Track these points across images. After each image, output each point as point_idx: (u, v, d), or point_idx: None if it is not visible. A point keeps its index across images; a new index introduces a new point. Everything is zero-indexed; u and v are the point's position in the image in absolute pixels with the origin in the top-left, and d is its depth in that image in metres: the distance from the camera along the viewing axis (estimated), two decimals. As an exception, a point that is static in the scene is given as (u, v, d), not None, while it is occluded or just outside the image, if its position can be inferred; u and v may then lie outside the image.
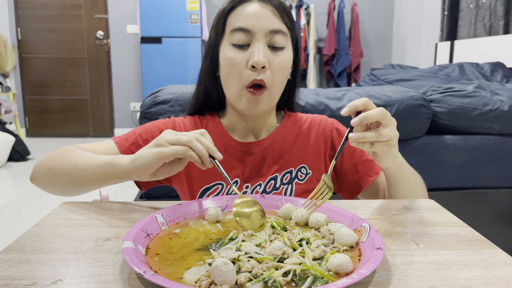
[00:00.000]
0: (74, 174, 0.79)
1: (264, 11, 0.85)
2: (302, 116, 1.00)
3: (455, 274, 0.51)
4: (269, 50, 0.85)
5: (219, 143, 0.92)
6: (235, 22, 0.85)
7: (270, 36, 0.84)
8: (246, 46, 0.85)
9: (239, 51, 0.85)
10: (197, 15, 4.86)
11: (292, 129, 0.96)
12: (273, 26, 0.84)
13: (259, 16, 0.84)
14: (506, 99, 1.63)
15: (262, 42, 0.84)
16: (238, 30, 0.84)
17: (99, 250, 0.57)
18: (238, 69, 0.84)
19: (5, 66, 5.07)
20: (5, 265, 0.52)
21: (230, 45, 0.85)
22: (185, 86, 1.55)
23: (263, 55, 0.82)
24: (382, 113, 0.67)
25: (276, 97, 0.89)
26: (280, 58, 0.85)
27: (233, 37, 0.85)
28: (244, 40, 0.84)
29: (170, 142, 0.67)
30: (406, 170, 0.83)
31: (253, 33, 0.84)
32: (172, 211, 0.66)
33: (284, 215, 0.68)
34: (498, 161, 1.65)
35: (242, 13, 0.85)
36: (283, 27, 0.86)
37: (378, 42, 5.58)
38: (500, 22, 3.62)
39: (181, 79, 4.84)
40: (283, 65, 0.86)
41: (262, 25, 0.84)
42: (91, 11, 5.34)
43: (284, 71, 0.87)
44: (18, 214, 2.81)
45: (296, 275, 0.48)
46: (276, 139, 0.94)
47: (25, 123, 5.40)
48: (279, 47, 0.85)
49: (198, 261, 0.52)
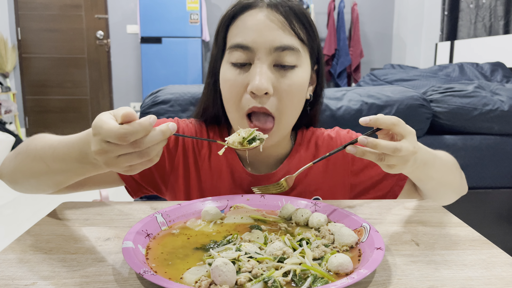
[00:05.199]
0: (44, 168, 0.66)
1: (270, 22, 0.70)
2: (316, 133, 0.87)
3: (455, 274, 0.51)
4: (274, 70, 0.71)
5: (225, 167, 0.82)
6: (234, 37, 0.73)
7: (276, 54, 0.70)
8: (247, 65, 0.72)
9: (239, 71, 0.72)
10: (197, 15, 4.86)
11: (306, 152, 0.84)
12: (279, 42, 0.70)
13: (262, 29, 0.70)
14: (506, 99, 1.63)
15: (265, 62, 0.70)
16: (237, 47, 0.71)
17: (99, 250, 0.57)
18: (236, 93, 0.72)
19: (5, 66, 5.07)
20: (5, 265, 0.52)
21: (229, 64, 0.73)
22: (185, 86, 1.55)
23: (265, 79, 0.69)
24: (394, 150, 0.57)
25: (288, 127, 0.76)
26: (289, 80, 0.71)
27: (232, 55, 0.72)
28: (244, 59, 0.71)
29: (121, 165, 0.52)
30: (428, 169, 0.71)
31: (254, 51, 0.70)
32: (172, 211, 0.66)
33: (284, 215, 0.68)
34: (498, 161, 1.65)
35: (243, 24, 0.72)
36: (293, 42, 0.71)
37: (378, 42, 5.58)
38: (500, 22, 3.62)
39: (181, 79, 4.85)
40: (293, 88, 0.72)
41: (265, 41, 0.70)
42: (91, 11, 5.34)
43: (296, 95, 0.73)
44: (18, 214, 2.81)
45: (296, 275, 0.48)
46: (290, 169, 0.82)
47: (25, 123, 5.40)
48: (289, 66, 0.71)
49: (198, 261, 0.52)
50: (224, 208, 0.71)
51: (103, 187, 0.83)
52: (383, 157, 0.59)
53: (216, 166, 0.83)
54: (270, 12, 0.71)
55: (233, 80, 0.72)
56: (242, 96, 0.72)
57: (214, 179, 0.83)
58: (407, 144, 0.58)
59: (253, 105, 0.71)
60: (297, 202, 0.71)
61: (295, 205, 0.70)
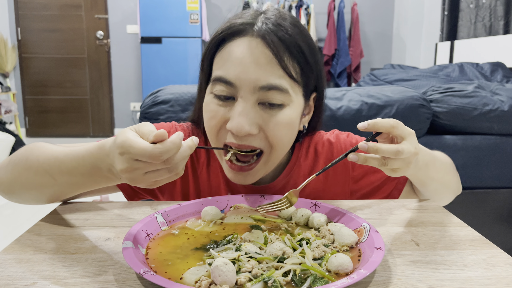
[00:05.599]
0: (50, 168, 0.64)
1: (256, 57, 0.64)
2: (315, 138, 0.85)
3: (455, 274, 0.51)
4: (260, 108, 0.66)
5: (222, 179, 0.80)
6: (218, 69, 0.67)
7: (261, 93, 0.65)
8: (230, 99, 0.67)
9: (221, 103, 0.67)
10: (197, 15, 4.86)
11: (305, 160, 0.82)
12: (265, 81, 0.64)
13: (246, 65, 0.64)
14: (506, 99, 1.63)
15: (249, 101, 0.65)
16: (219, 81, 0.67)
17: (99, 250, 0.57)
18: (215, 126, 0.68)
19: (5, 66, 5.06)
20: (5, 265, 0.52)
21: (213, 95, 0.69)
22: (185, 86, 1.55)
23: (247, 121, 0.64)
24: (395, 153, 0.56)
25: (279, 157, 0.72)
26: (276, 119, 0.66)
27: (215, 87, 0.68)
28: (226, 93, 0.66)
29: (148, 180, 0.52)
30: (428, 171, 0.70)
31: (236, 87, 0.65)
32: (172, 211, 0.66)
33: (284, 215, 0.68)
34: (498, 161, 1.65)
35: (228, 56, 0.66)
36: (281, 82, 0.65)
37: (378, 42, 5.58)
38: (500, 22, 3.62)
39: (181, 79, 4.84)
40: (281, 127, 0.67)
41: (249, 79, 0.64)
42: (91, 11, 5.34)
43: (286, 133, 0.69)
44: (18, 214, 2.81)
45: (296, 275, 0.48)
46: (289, 179, 0.80)
47: (25, 123, 5.40)
48: (276, 105, 0.66)
49: (198, 261, 0.52)
50: (224, 208, 0.71)
51: (98, 194, 0.83)
52: (386, 161, 0.58)
53: (215, 176, 0.82)
54: (259, 44, 0.65)
55: (214, 112, 0.68)
56: (223, 130, 0.69)
57: (212, 189, 0.82)
58: (408, 145, 0.58)
59: (231, 142, 0.67)
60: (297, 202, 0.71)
61: (295, 205, 0.70)
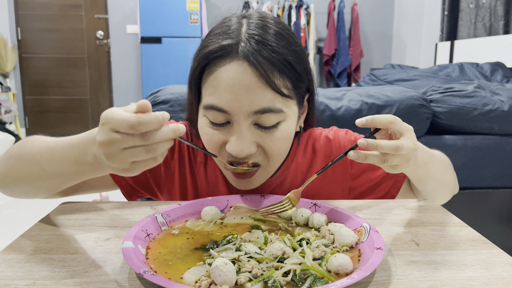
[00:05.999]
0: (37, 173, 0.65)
1: (247, 81, 0.63)
2: (313, 134, 0.85)
3: (455, 274, 0.51)
4: (255, 128, 0.67)
5: (221, 175, 0.81)
6: (208, 96, 0.66)
7: (255, 117, 0.65)
8: (225, 124, 0.67)
9: (217, 129, 0.68)
10: (197, 15, 4.86)
11: (303, 157, 0.83)
12: (258, 106, 0.64)
13: (237, 91, 0.63)
14: (506, 99, 1.63)
15: (244, 124, 0.65)
16: (211, 109, 0.66)
17: (99, 250, 0.57)
18: (214, 147, 0.69)
19: (5, 66, 5.07)
20: (5, 265, 0.52)
21: (206, 119, 0.69)
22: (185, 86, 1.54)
23: (245, 144, 0.65)
24: (395, 148, 0.56)
25: (278, 165, 0.74)
26: (272, 137, 0.67)
27: (208, 113, 0.67)
28: (221, 120, 0.66)
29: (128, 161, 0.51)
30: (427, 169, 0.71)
31: (231, 114, 0.65)
32: (172, 211, 0.66)
33: (284, 215, 0.68)
34: (498, 161, 1.65)
35: (217, 83, 0.65)
36: (274, 102, 0.64)
37: (378, 42, 5.58)
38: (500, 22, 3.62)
39: (181, 79, 4.83)
40: (277, 143, 0.69)
41: (242, 105, 0.64)
42: (91, 11, 5.34)
43: (283, 145, 0.70)
44: (18, 214, 2.81)
45: (296, 275, 0.48)
46: (287, 176, 0.81)
47: (25, 123, 5.40)
48: (271, 126, 0.67)
49: (198, 261, 0.52)
50: (224, 208, 0.71)
51: (97, 192, 0.82)
52: (386, 158, 0.58)
53: (212, 174, 0.82)
54: (246, 67, 0.63)
55: (211, 136, 0.69)
56: (222, 151, 0.70)
57: (210, 188, 0.82)
58: (407, 141, 0.58)
59: (233, 160, 0.69)
60: (297, 202, 0.71)
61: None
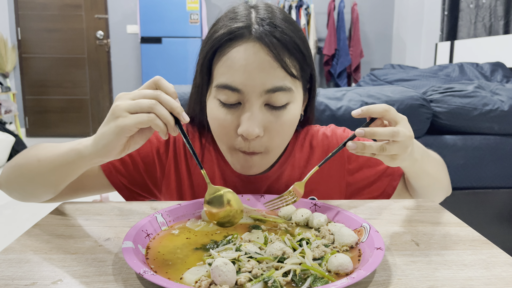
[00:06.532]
0: (36, 168, 0.68)
1: (258, 62, 0.65)
2: (310, 131, 0.86)
3: (455, 274, 0.51)
4: (266, 110, 0.69)
5: (217, 172, 0.82)
6: (221, 76, 0.68)
7: (267, 96, 0.67)
8: (236, 104, 0.69)
9: (228, 110, 0.69)
10: (197, 15, 4.86)
11: (301, 152, 0.83)
12: (271, 84, 0.66)
13: (251, 71, 0.65)
14: (506, 99, 1.63)
15: (256, 104, 0.67)
16: (225, 88, 0.67)
17: (99, 250, 0.57)
18: (227, 133, 0.71)
19: (5, 66, 5.07)
20: (5, 265, 0.52)
21: (217, 101, 0.70)
22: (185, 86, 1.55)
23: (256, 124, 0.67)
24: (392, 134, 0.58)
25: (276, 157, 0.76)
26: (281, 120, 0.69)
27: (219, 93, 0.69)
28: (233, 100, 0.68)
29: (129, 111, 0.57)
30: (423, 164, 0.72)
31: (243, 93, 0.67)
32: (172, 211, 0.66)
33: (284, 215, 0.68)
34: (498, 161, 1.65)
35: (230, 64, 0.67)
36: (285, 82, 0.67)
37: (378, 42, 5.58)
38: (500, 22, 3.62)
39: (181, 79, 4.84)
40: (285, 127, 0.71)
41: (255, 84, 0.66)
42: (91, 11, 5.34)
43: (287, 132, 0.72)
44: (18, 214, 2.81)
45: (296, 275, 0.48)
46: (284, 170, 0.81)
47: (25, 123, 5.40)
48: (280, 106, 0.69)
49: (198, 261, 0.52)
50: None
51: (94, 194, 0.84)
52: (384, 146, 0.59)
53: (209, 170, 0.82)
54: (259, 48, 0.66)
55: (222, 120, 0.70)
56: (232, 135, 0.71)
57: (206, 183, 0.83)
58: (403, 128, 0.60)
59: (245, 149, 0.71)
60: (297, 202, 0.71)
61: (295, 205, 0.70)
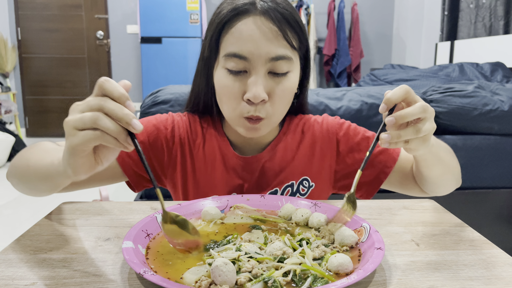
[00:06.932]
0: (26, 173, 0.69)
1: (264, 32, 0.73)
2: (303, 119, 0.91)
3: (455, 274, 0.51)
4: (269, 78, 0.76)
5: (218, 152, 0.86)
6: (229, 46, 0.75)
7: (271, 64, 0.74)
8: (243, 72, 0.75)
9: (235, 78, 0.75)
10: (197, 15, 4.86)
11: (293, 137, 0.89)
12: (274, 53, 0.74)
13: (257, 40, 0.73)
14: (506, 99, 1.63)
15: (261, 71, 0.74)
16: (233, 56, 0.74)
17: (99, 250, 0.57)
18: (234, 99, 0.76)
19: (5, 66, 5.07)
20: (5, 265, 0.52)
21: (225, 70, 0.76)
22: (185, 86, 1.55)
23: (261, 89, 0.74)
24: (422, 109, 0.58)
25: (277, 122, 0.82)
26: (282, 86, 0.76)
27: (228, 62, 0.75)
28: (240, 67, 0.75)
29: (76, 128, 0.52)
30: (438, 149, 0.73)
31: (250, 61, 0.74)
32: (172, 211, 0.66)
33: (284, 215, 0.68)
34: (498, 161, 1.65)
35: (238, 34, 0.74)
36: (286, 52, 0.75)
37: (378, 42, 5.58)
38: (500, 22, 3.62)
39: (181, 79, 4.85)
40: (285, 93, 0.77)
41: (261, 52, 0.73)
42: (91, 11, 5.34)
43: (287, 98, 0.79)
44: (18, 214, 2.81)
45: (296, 275, 0.48)
46: (276, 151, 0.87)
47: (25, 123, 5.40)
48: (282, 73, 0.76)
49: (198, 261, 0.52)
50: (224, 208, 0.71)
51: (106, 183, 0.85)
52: (418, 127, 0.59)
53: (210, 153, 0.86)
54: (264, 21, 0.73)
55: (230, 87, 0.76)
56: (239, 102, 0.76)
57: (208, 167, 0.86)
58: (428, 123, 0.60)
59: (251, 114, 0.76)
60: (297, 202, 0.71)
61: (295, 205, 0.70)
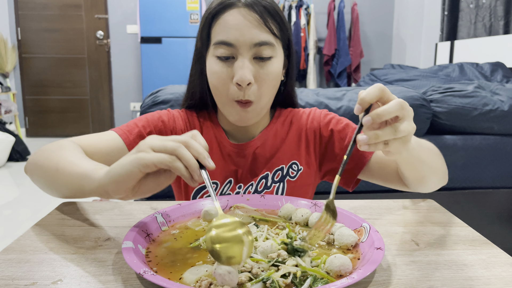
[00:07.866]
0: (53, 176, 0.70)
1: (248, 22, 0.81)
2: (293, 112, 0.98)
3: (455, 274, 0.51)
4: (254, 62, 0.83)
5: (215, 142, 0.93)
6: (218, 35, 0.83)
7: (255, 49, 0.82)
8: (231, 59, 0.83)
9: (224, 64, 0.83)
10: (197, 15, 4.86)
11: (282, 126, 0.96)
12: (257, 39, 0.82)
13: (242, 28, 0.81)
14: (506, 99, 1.63)
15: (246, 56, 0.82)
16: (221, 44, 0.82)
17: (99, 250, 0.57)
18: (224, 84, 0.83)
19: (5, 66, 5.07)
20: (5, 265, 0.52)
21: (215, 57, 0.84)
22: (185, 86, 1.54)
23: (248, 72, 0.81)
24: (399, 107, 0.55)
25: (265, 107, 0.88)
26: (266, 70, 0.84)
27: (217, 50, 0.83)
28: (228, 54, 0.82)
29: (153, 148, 0.55)
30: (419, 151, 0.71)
31: (236, 47, 0.82)
32: (172, 211, 0.66)
33: (284, 215, 0.68)
34: (498, 161, 1.65)
35: (225, 24, 0.82)
36: (269, 38, 0.83)
37: (378, 42, 5.58)
38: (500, 22, 3.62)
39: (181, 79, 4.84)
40: (270, 77, 0.84)
41: (245, 39, 0.81)
42: (91, 11, 5.34)
43: (272, 81, 0.85)
44: (18, 214, 2.81)
45: (297, 278, 0.48)
46: (267, 138, 0.94)
47: (25, 123, 5.40)
48: (266, 58, 0.83)
49: (198, 261, 0.52)
50: (224, 208, 0.71)
51: None
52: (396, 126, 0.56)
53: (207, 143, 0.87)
54: (248, 11, 0.82)
55: (220, 73, 0.83)
56: (229, 86, 0.83)
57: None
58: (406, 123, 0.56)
59: (240, 98, 0.83)
60: (297, 202, 0.71)
61: (295, 205, 0.70)
